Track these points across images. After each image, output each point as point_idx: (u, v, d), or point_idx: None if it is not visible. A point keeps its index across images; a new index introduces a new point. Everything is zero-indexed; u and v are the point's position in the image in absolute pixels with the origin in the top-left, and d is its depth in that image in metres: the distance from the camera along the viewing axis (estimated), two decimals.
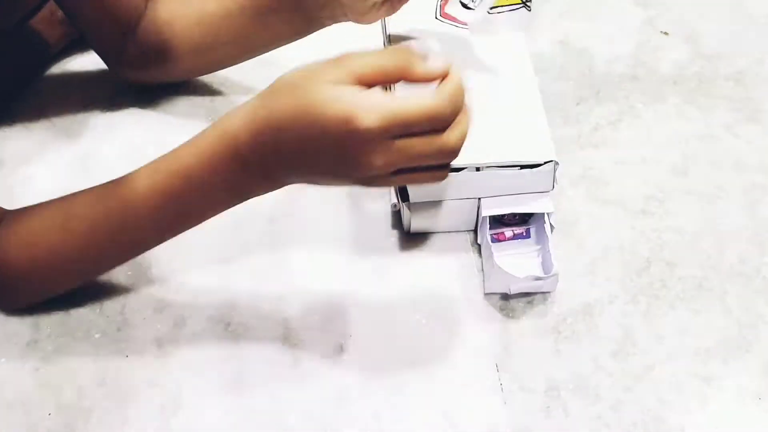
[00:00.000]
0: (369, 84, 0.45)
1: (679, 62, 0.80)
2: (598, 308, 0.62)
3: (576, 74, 0.79)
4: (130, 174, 0.55)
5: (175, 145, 0.54)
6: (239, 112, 0.50)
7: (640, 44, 0.82)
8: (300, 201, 0.69)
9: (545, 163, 0.60)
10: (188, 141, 0.52)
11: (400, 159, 0.46)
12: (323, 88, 0.45)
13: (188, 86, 0.79)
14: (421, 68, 0.45)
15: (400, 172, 0.47)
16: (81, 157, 0.73)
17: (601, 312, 0.61)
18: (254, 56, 0.73)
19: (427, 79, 0.45)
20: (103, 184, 0.57)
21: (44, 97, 0.79)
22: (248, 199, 0.53)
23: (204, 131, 0.52)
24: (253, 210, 0.68)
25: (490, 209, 0.63)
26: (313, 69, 0.46)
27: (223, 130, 0.50)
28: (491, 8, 0.65)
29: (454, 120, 0.46)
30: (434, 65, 0.45)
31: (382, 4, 0.62)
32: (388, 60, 0.45)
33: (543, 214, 0.62)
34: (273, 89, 0.48)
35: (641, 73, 0.79)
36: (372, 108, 0.44)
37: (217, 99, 0.78)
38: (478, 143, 0.62)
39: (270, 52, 0.72)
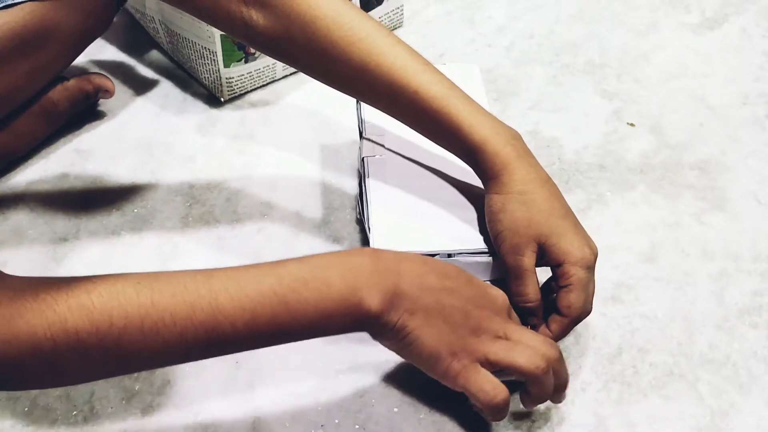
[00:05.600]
0: None
1: (645, 152, 0.82)
2: (571, 396, 0.61)
3: (546, 163, 0.80)
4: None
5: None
6: None
7: (607, 135, 0.84)
8: None
9: None
10: None
11: (513, 326, 0.55)
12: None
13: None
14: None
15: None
16: (56, 244, 0.73)
17: (573, 400, 0.61)
18: None
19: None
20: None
21: (24, 183, 0.80)
22: (348, 315, 0.50)
23: None
24: None
25: None
26: None
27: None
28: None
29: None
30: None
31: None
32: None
33: None
34: None
35: (609, 163, 0.81)
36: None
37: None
38: (451, 231, 0.63)
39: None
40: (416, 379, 0.62)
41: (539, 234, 0.58)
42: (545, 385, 0.54)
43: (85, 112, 0.85)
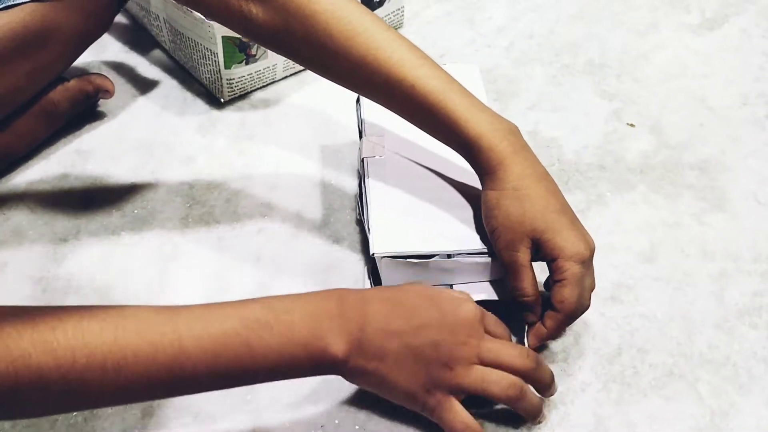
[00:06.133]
0: None
1: (644, 152, 0.82)
2: (571, 396, 0.61)
3: (545, 163, 0.80)
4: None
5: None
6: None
7: (606, 135, 0.84)
8: (274, 289, 0.69)
9: None
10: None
11: (487, 345, 0.55)
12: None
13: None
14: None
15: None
16: (56, 245, 0.73)
17: (573, 400, 0.61)
18: None
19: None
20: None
21: (24, 183, 0.80)
22: (314, 360, 0.51)
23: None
24: (227, 297, 0.69)
25: None
26: None
27: (332, 290, 0.54)
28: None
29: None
30: None
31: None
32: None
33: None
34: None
35: (608, 163, 0.81)
36: (472, 302, 0.56)
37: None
38: (450, 231, 0.63)
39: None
40: None
41: (533, 229, 0.58)
42: (527, 404, 0.55)
43: (85, 112, 0.85)
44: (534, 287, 0.59)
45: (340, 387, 0.62)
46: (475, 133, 0.59)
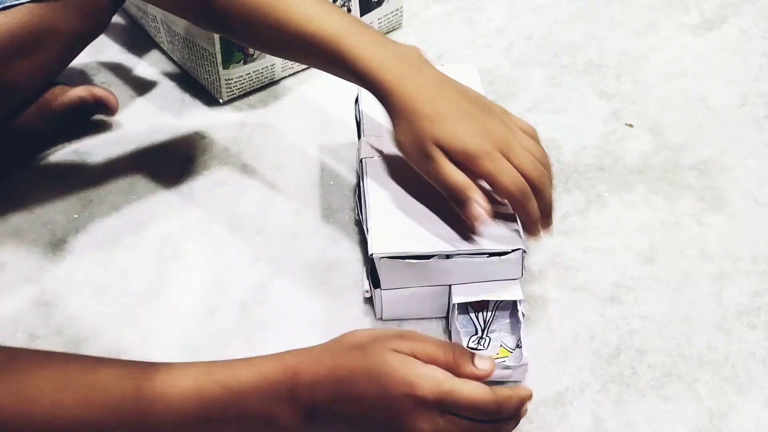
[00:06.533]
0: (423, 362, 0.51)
1: (644, 153, 0.82)
2: (569, 397, 0.61)
3: None
4: (173, 366, 0.51)
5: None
6: (306, 354, 0.52)
7: (605, 135, 0.84)
8: (273, 289, 0.69)
9: (513, 251, 0.61)
10: (247, 359, 0.52)
11: (441, 427, 0.49)
12: (390, 355, 0.50)
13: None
14: (468, 368, 0.51)
15: None
16: (54, 245, 0.73)
17: (572, 401, 0.61)
18: None
19: (473, 378, 0.51)
20: (141, 365, 0.51)
21: (23, 184, 0.80)
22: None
23: (266, 356, 0.52)
24: (226, 298, 0.69)
25: (460, 296, 0.63)
26: (379, 335, 0.52)
27: (286, 363, 0.51)
28: None
29: (500, 419, 0.51)
30: (481, 366, 0.51)
31: None
32: (443, 353, 0.51)
33: (513, 301, 0.63)
34: (341, 344, 0.52)
35: (608, 163, 0.81)
36: (431, 381, 0.49)
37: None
38: (449, 232, 0.63)
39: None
40: None
41: (435, 142, 0.59)
42: None
43: (82, 119, 0.85)
44: (459, 173, 0.59)
45: None
46: (366, 72, 0.61)
